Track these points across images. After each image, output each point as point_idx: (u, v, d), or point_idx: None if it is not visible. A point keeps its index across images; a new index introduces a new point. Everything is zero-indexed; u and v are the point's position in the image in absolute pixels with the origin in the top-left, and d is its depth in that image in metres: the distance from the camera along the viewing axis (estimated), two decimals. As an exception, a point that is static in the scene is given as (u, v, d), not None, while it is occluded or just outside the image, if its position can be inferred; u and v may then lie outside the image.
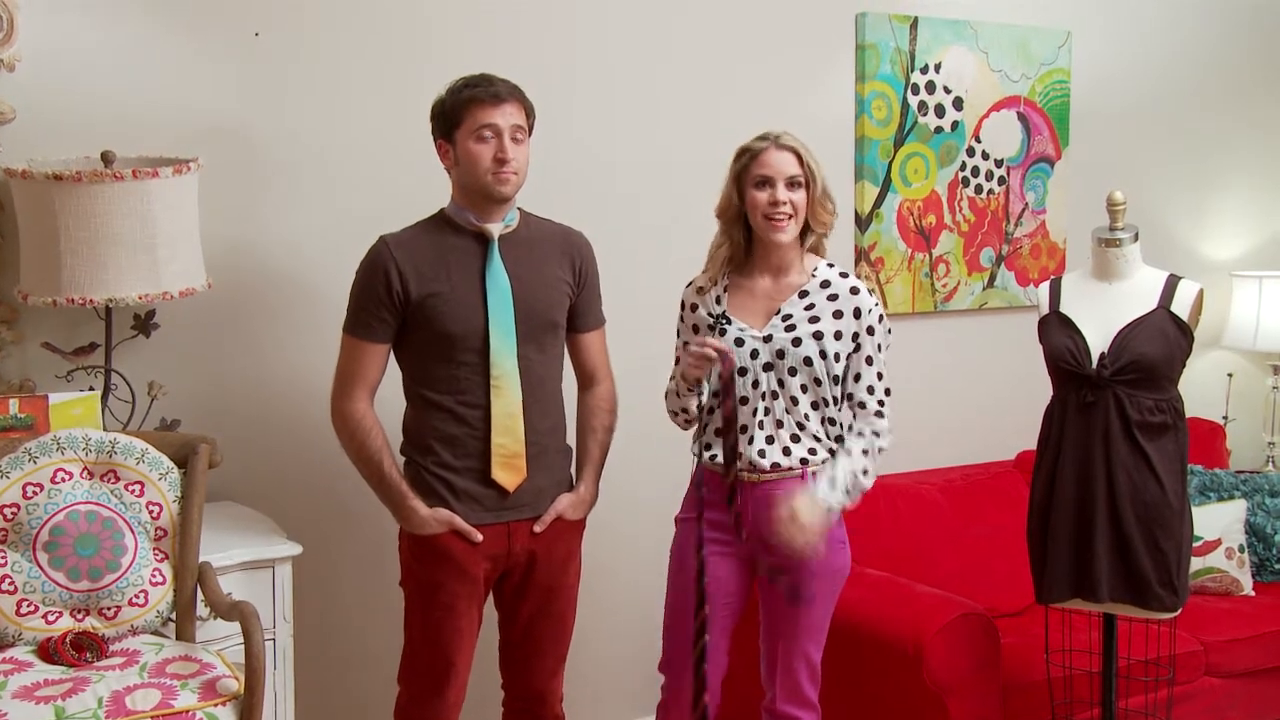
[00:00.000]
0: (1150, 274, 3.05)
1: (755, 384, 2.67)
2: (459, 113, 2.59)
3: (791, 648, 2.70)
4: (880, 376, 2.72)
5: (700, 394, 2.67)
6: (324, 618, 3.24)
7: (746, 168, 2.69)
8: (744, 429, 2.67)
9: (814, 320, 2.68)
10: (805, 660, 2.71)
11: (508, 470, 2.63)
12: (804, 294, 2.71)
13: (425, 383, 2.65)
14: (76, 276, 2.65)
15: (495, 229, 2.65)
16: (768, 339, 2.68)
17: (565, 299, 2.74)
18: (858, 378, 2.70)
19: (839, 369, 2.68)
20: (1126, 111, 4.43)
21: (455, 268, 2.63)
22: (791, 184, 2.66)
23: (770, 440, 2.66)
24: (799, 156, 2.67)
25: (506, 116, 2.59)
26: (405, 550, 2.70)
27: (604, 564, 3.21)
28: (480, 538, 2.63)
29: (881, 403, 2.71)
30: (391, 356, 2.69)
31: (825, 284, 2.72)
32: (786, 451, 2.66)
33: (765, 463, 2.65)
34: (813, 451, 2.68)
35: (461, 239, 2.65)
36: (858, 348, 2.70)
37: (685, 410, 2.76)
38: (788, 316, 2.69)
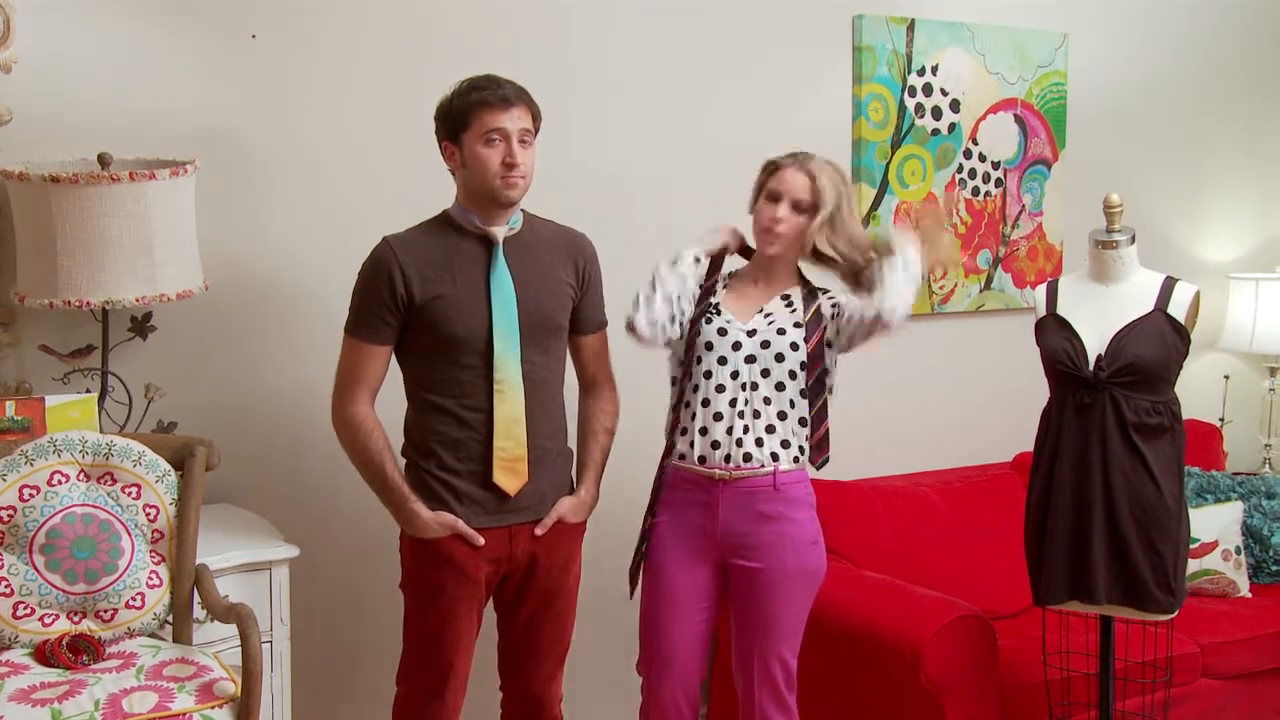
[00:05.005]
0: (1147, 276, 3.05)
1: (735, 374, 2.70)
2: (466, 116, 2.57)
3: (766, 651, 2.70)
4: None
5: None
6: (321, 620, 3.23)
7: (766, 180, 2.78)
8: (719, 417, 2.71)
9: (793, 312, 2.76)
10: (780, 663, 2.71)
11: (509, 474, 2.62)
12: (785, 295, 2.80)
13: (427, 385, 2.64)
14: (73, 278, 2.65)
15: (500, 231, 2.64)
16: (751, 333, 2.73)
17: (569, 301, 2.73)
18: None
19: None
20: (1123, 114, 4.43)
21: (459, 270, 2.61)
22: (796, 206, 2.70)
23: (746, 430, 2.70)
24: (814, 182, 2.70)
25: (515, 120, 2.58)
26: (406, 553, 2.69)
27: (603, 566, 3.20)
28: (482, 542, 2.62)
29: None
30: (393, 358, 2.68)
31: (806, 284, 2.82)
32: (759, 443, 2.69)
33: (739, 453, 2.68)
34: (785, 445, 2.71)
35: (465, 241, 2.64)
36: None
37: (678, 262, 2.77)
38: (769, 314, 2.77)
